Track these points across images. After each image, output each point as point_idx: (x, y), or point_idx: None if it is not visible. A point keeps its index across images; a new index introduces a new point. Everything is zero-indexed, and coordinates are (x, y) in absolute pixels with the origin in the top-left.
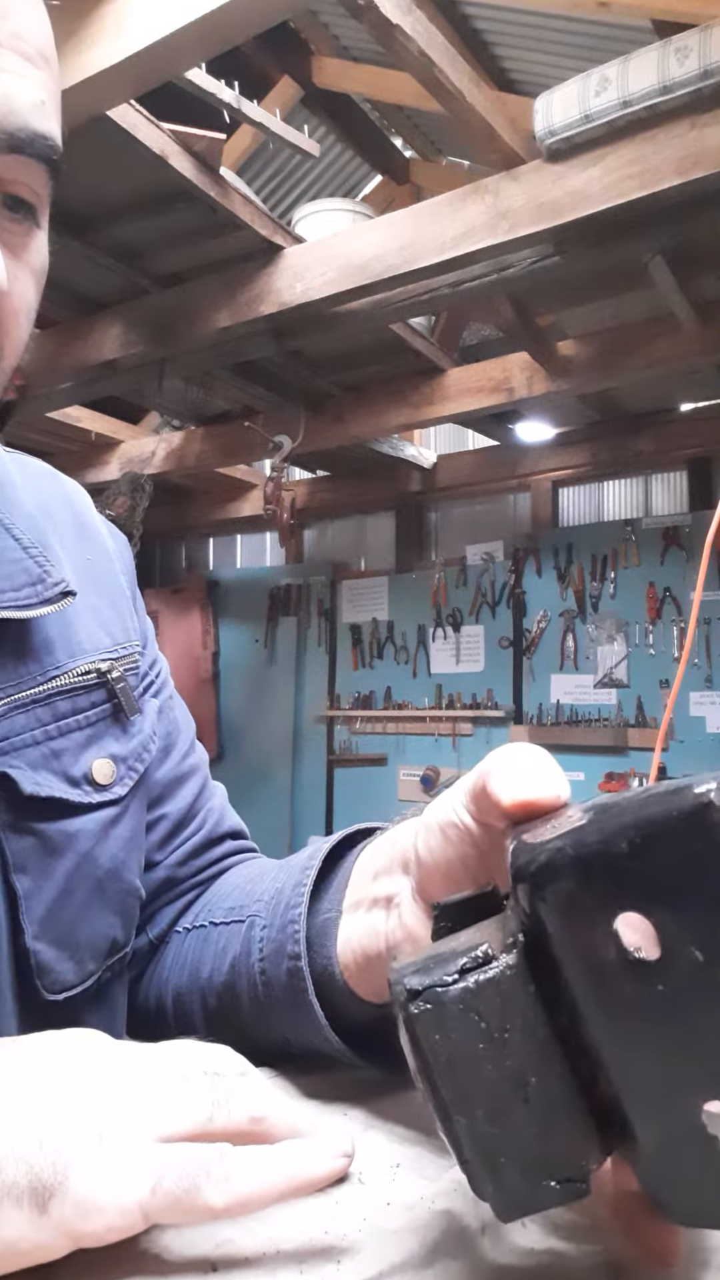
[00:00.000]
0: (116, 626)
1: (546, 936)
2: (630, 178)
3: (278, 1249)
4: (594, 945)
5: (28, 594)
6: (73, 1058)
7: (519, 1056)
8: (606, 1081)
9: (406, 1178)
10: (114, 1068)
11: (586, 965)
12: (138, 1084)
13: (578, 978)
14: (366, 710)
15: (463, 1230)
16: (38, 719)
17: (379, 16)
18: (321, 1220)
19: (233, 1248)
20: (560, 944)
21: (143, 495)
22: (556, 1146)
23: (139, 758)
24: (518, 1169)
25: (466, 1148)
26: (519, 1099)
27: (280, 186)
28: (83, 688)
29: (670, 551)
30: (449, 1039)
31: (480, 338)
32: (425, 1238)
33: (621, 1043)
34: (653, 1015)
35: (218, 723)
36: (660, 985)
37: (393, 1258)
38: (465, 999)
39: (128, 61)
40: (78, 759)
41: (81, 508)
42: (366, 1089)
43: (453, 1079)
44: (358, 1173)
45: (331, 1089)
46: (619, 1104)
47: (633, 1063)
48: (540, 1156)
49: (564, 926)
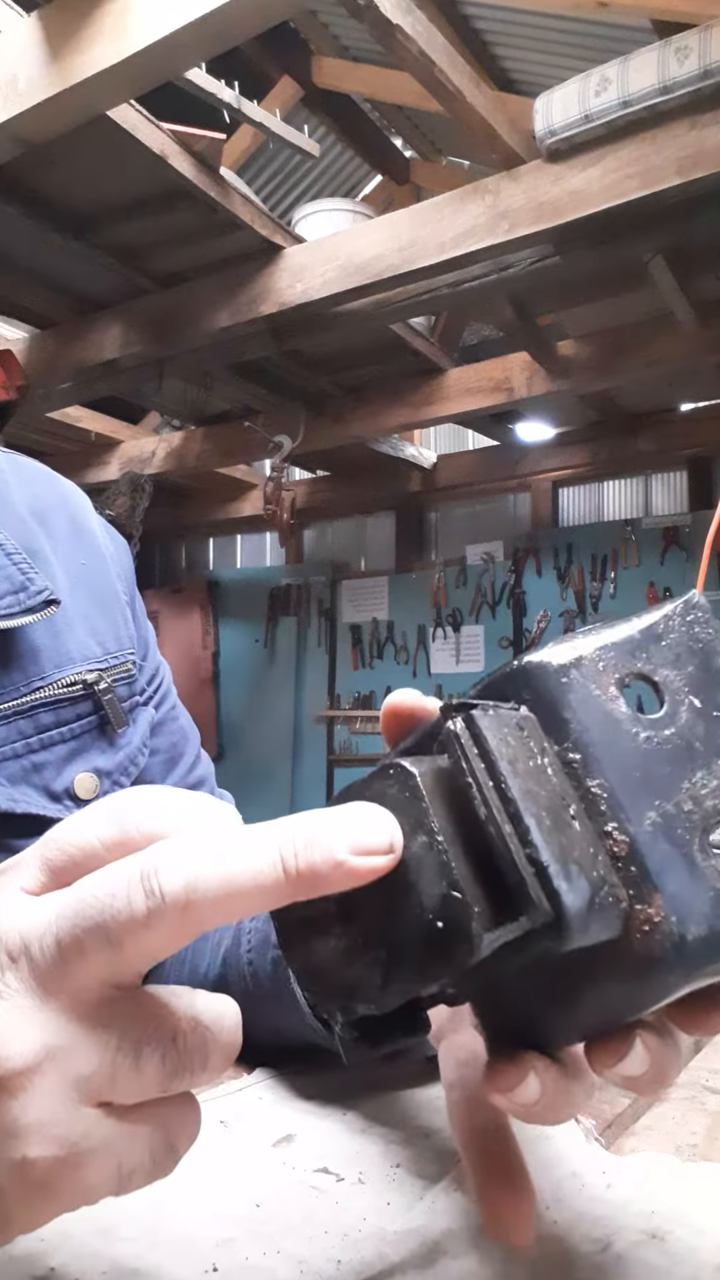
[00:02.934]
0: (109, 635)
1: (557, 705)
2: (630, 178)
3: (278, 1249)
4: (606, 706)
5: (9, 602)
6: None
7: (559, 783)
8: (620, 829)
9: (406, 1178)
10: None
11: (602, 722)
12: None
13: (593, 732)
14: (366, 710)
15: (463, 1230)
16: (19, 731)
17: (379, 16)
18: (321, 1220)
19: (233, 1247)
20: (579, 706)
21: (143, 495)
22: (603, 868)
23: (125, 771)
24: (583, 875)
25: (539, 841)
26: (568, 816)
27: (280, 186)
28: (67, 699)
29: (670, 551)
30: (508, 743)
31: (480, 338)
32: (425, 1238)
33: (636, 785)
34: (662, 755)
35: (218, 722)
36: (667, 730)
37: (393, 1258)
38: (518, 720)
39: (128, 61)
40: (60, 773)
41: (79, 511)
42: (366, 1089)
43: (517, 776)
44: (358, 1173)
45: (331, 1089)
46: (634, 848)
47: (644, 803)
48: (597, 871)
49: (583, 692)
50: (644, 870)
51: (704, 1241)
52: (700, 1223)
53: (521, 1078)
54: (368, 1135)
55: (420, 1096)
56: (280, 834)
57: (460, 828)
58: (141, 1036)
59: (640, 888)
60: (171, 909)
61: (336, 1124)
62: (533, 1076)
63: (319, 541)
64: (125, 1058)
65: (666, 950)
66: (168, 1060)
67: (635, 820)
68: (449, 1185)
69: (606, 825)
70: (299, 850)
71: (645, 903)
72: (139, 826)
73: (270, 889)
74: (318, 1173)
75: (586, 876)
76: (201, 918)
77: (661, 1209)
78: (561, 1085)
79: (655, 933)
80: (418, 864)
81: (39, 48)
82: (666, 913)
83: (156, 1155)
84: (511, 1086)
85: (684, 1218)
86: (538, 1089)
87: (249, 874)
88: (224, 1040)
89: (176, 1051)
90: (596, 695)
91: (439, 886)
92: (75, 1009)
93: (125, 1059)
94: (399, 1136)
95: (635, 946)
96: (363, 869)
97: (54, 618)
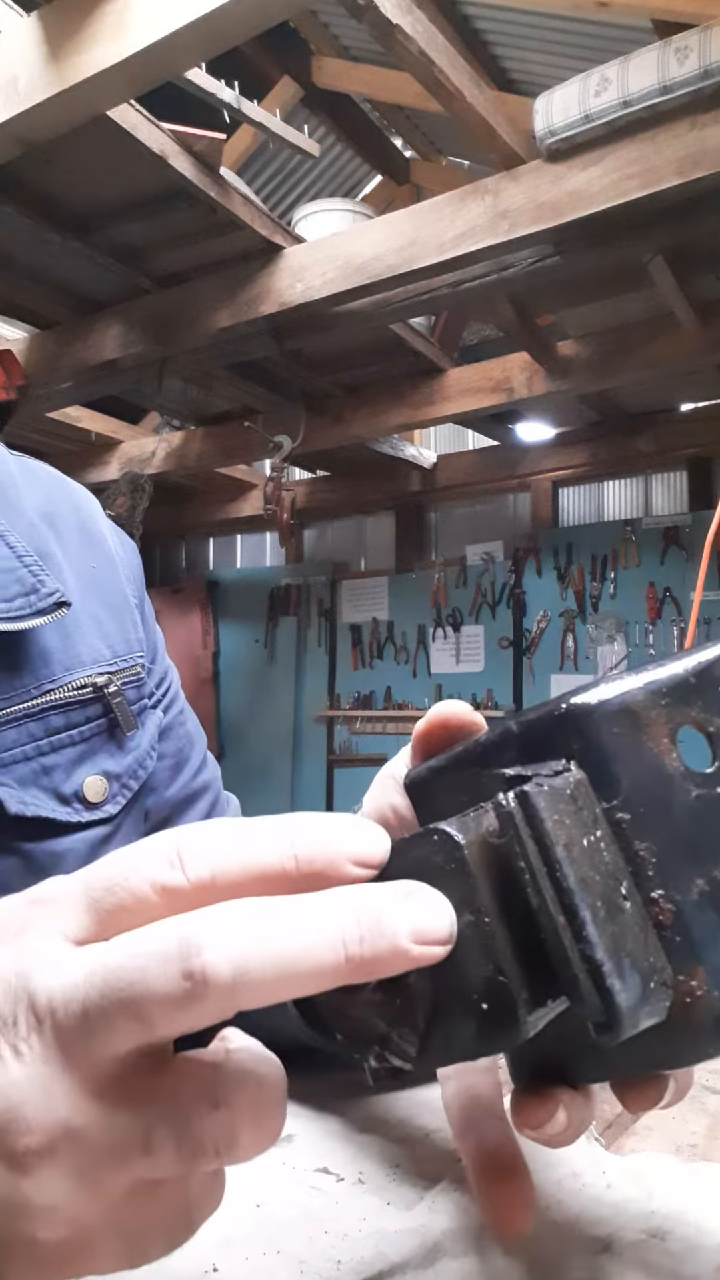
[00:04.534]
0: (118, 638)
1: (607, 758)
2: (630, 178)
3: (278, 1249)
4: (658, 760)
5: (20, 604)
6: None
7: (612, 861)
8: (666, 897)
9: (406, 1178)
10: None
11: (653, 778)
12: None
13: (643, 790)
14: (366, 710)
15: (463, 1230)
16: (29, 734)
17: (379, 16)
18: (321, 1220)
19: (233, 1248)
20: (631, 760)
21: (143, 495)
22: (653, 951)
23: (134, 775)
24: (634, 966)
25: (594, 937)
26: (620, 899)
27: (280, 186)
28: (77, 702)
29: (670, 551)
30: (564, 824)
31: (480, 338)
32: (425, 1238)
33: (686, 848)
34: (714, 814)
35: (218, 722)
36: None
37: (393, 1258)
38: (573, 789)
39: (128, 61)
40: (69, 776)
41: (88, 514)
42: (365, 1089)
43: (573, 864)
44: (358, 1173)
45: (330, 1090)
46: (680, 916)
47: (693, 868)
48: (648, 960)
49: (633, 745)
50: (689, 940)
51: (704, 1241)
52: (700, 1222)
53: (551, 1114)
54: (368, 1135)
55: (420, 1096)
56: (343, 914)
57: (507, 905)
58: (166, 1116)
59: (684, 959)
60: (213, 994)
61: (336, 1124)
62: (561, 1112)
63: (319, 541)
64: (147, 1139)
65: (706, 1025)
66: (183, 1146)
67: (683, 888)
68: (449, 1185)
69: (653, 892)
70: (364, 935)
71: (687, 975)
72: (194, 873)
73: (328, 976)
74: (318, 1173)
75: (639, 969)
76: (246, 1002)
77: (661, 1209)
78: (584, 1112)
79: (697, 1006)
80: (463, 941)
81: (39, 48)
82: (708, 985)
83: (173, 1232)
84: (542, 1123)
85: (684, 1218)
86: (565, 1122)
87: (309, 962)
88: (256, 1123)
89: (192, 1137)
90: (649, 748)
91: (485, 968)
92: (97, 1083)
93: (147, 1140)
94: (399, 1136)
95: (675, 1018)
96: (422, 958)
97: (64, 620)
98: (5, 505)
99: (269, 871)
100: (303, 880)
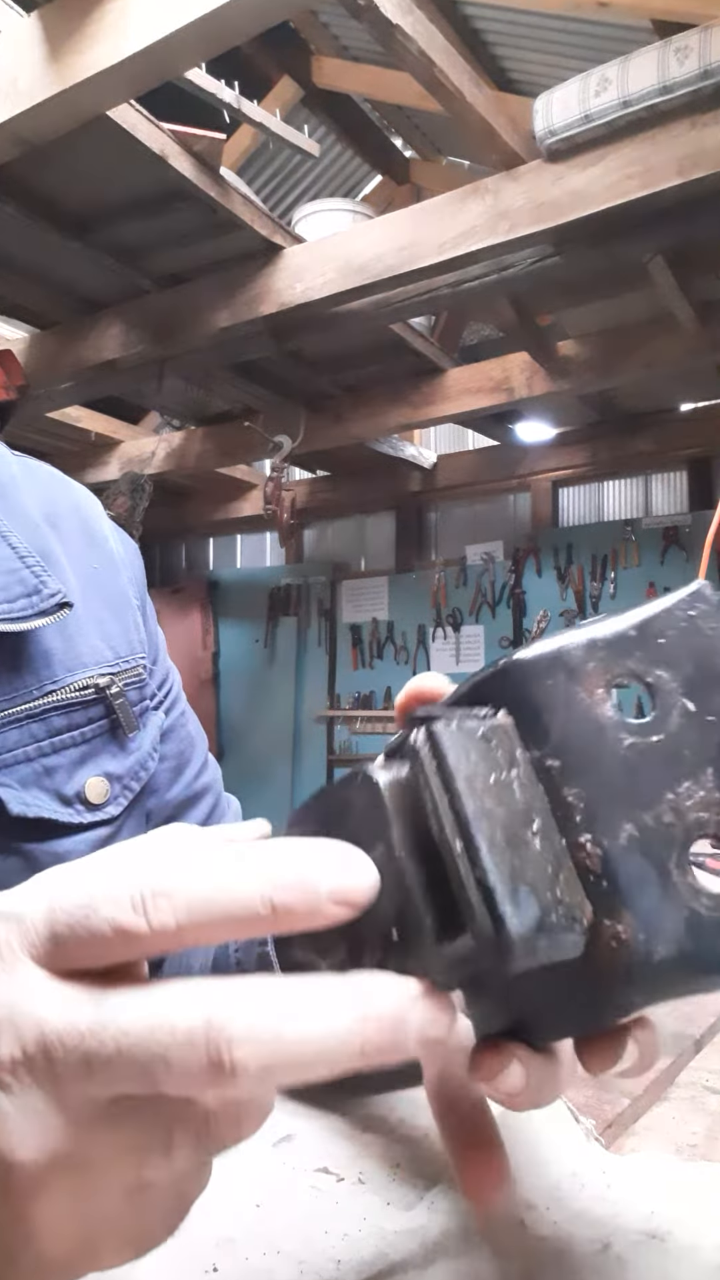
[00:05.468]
0: (120, 639)
1: (538, 708)
2: (630, 178)
3: (278, 1249)
4: (591, 710)
5: (23, 605)
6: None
7: (524, 799)
8: (594, 841)
9: (406, 1178)
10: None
11: (585, 726)
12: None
13: (574, 738)
14: (366, 710)
15: (463, 1230)
16: (31, 735)
17: (379, 16)
18: (321, 1220)
19: (233, 1248)
20: (561, 710)
21: (143, 495)
22: (561, 890)
23: (136, 776)
24: (534, 898)
25: (488, 863)
26: (528, 834)
27: (280, 186)
28: (79, 703)
29: (670, 551)
30: (469, 758)
31: (480, 338)
32: (425, 1238)
33: (616, 794)
34: (647, 763)
35: (218, 722)
36: (655, 736)
37: (393, 1258)
38: (485, 731)
39: (128, 61)
40: (71, 777)
41: (90, 515)
42: (365, 1089)
43: (473, 796)
44: (358, 1173)
45: (331, 1089)
46: (607, 862)
47: (623, 814)
48: (552, 893)
49: (568, 695)
50: (615, 885)
51: (704, 1241)
52: (700, 1223)
53: (504, 1066)
54: (368, 1135)
55: (420, 1096)
56: (353, 995)
57: (419, 840)
58: (175, 1125)
59: (610, 903)
60: (240, 1083)
61: (336, 1124)
62: (516, 1065)
63: (319, 541)
64: (156, 1148)
65: (632, 969)
66: (201, 1142)
67: (610, 832)
68: (449, 1185)
69: (580, 836)
70: (381, 1024)
71: (614, 919)
72: (158, 922)
73: (341, 1066)
74: (318, 1173)
75: (539, 899)
76: (268, 1082)
77: (661, 1209)
78: (545, 1073)
79: (622, 950)
80: (380, 877)
81: (39, 48)
82: (635, 931)
83: (171, 1219)
84: (495, 1074)
85: (684, 1218)
86: (521, 1077)
87: (328, 1060)
88: (256, 1104)
89: (209, 1132)
90: (581, 698)
91: (396, 900)
92: (96, 1114)
93: (156, 1150)
94: (399, 1136)
95: (601, 963)
96: (416, 1045)
97: (66, 621)
98: (7, 506)
99: (241, 917)
100: (279, 924)
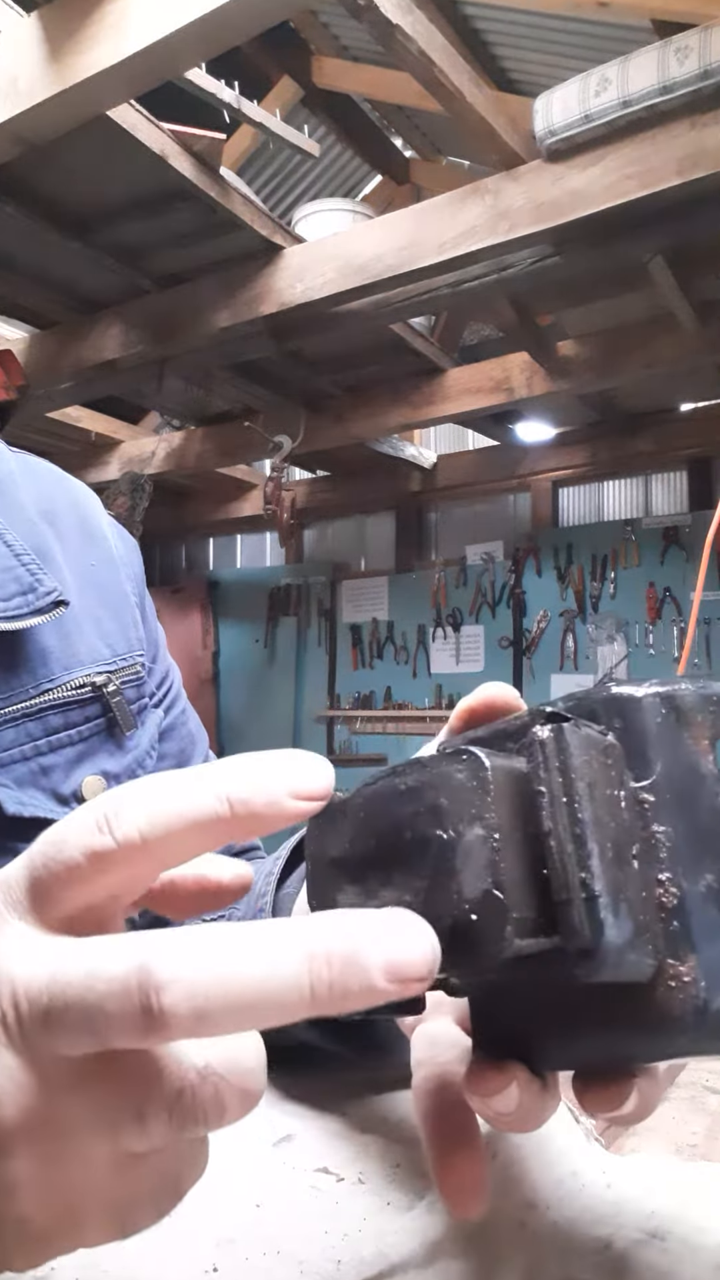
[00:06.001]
0: (118, 637)
1: (646, 741)
2: (630, 178)
3: (278, 1249)
4: (694, 757)
5: (18, 604)
6: None
7: (628, 820)
8: (673, 881)
9: (406, 1178)
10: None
11: (685, 771)
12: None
13: (673, 779)
14: (366, 710)
15: (463, 1230)
16: (27, 734)
17: (379, 16)
18: (321, 1220)
19: (233, 1248)
20: (667, 749)
21: (143, 495)
22: (649, 913)
23: (133, 774)
24: (630, 914)
25: (597, 869)
26: (629, 854)
27: (280, 186)
28: (76, 702)
29: (670, 551)
30: (591, 766)
31: (480, 338)
32: (425, 1238)
33: (702, 844)
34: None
35: (218, 722)
36: None
37: (393, 1258)
38: (606, 745)
39: (128, 61)
40: (68, 776)
41: (89, 512)
42: (365, 1089)
43: (593, 802)
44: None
45: (331, 1089)
46: (682, 904)
47: (705, 865)
48: (644, 915)
49: (675, 738)
50: (686, 928)
51: (704, 1241)
52: (700, 1223)
53: (503, 1086)
54: (368, 1135)
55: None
56: (310, 940)
57: (519, 832)
58: (146, 1094)
59: (678, 944)
60: (174, 1029)
61: (336, 1124)
62: (514, 1088)
63: (319, 541)
64: (127, 1118)
65: (686, 1011)
66: (175, 1117)
67: (691, 877)
68: None
69: (661, 874)
70: (334, 980)
71: (679, 960)
72: (122, 834)
73: (291, 1014)
74: (318, 1173)
75: (633, 917)
76: (207, 1034)
77: (661, 1209)
78: (539, 1101)
79: (680, 991)
80: (466, 853)
81: (39, 48)
82: (697, 975)
83: (161, 1201)
84: (491, 1093)
85: (684, 1218)
86: (516, 1101)
87: (271, 1004)
88: (241, 1086)
89: (184, 1107)
90: (687, 744)
91: (483, 881)
92: (66, 1073)
93: (127, 1119)
94: (399, 1136)
95: (657, 1000)
96: (394, 994)
97: (63, 619)
98: (3, 503)
99: (203, 819)
100: (243, 823)
